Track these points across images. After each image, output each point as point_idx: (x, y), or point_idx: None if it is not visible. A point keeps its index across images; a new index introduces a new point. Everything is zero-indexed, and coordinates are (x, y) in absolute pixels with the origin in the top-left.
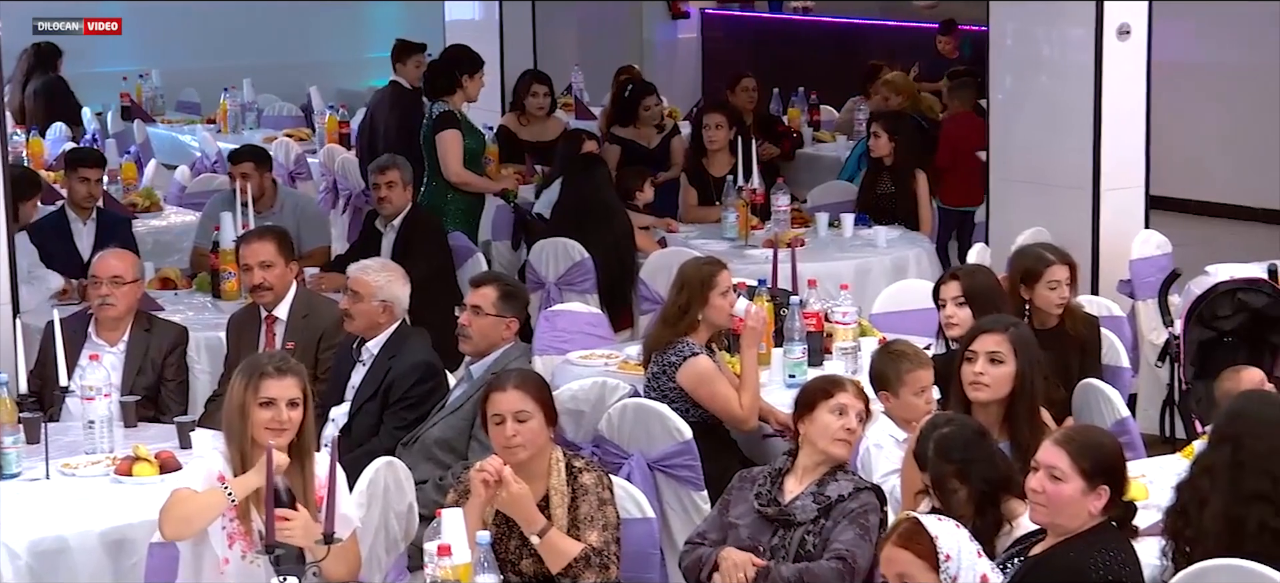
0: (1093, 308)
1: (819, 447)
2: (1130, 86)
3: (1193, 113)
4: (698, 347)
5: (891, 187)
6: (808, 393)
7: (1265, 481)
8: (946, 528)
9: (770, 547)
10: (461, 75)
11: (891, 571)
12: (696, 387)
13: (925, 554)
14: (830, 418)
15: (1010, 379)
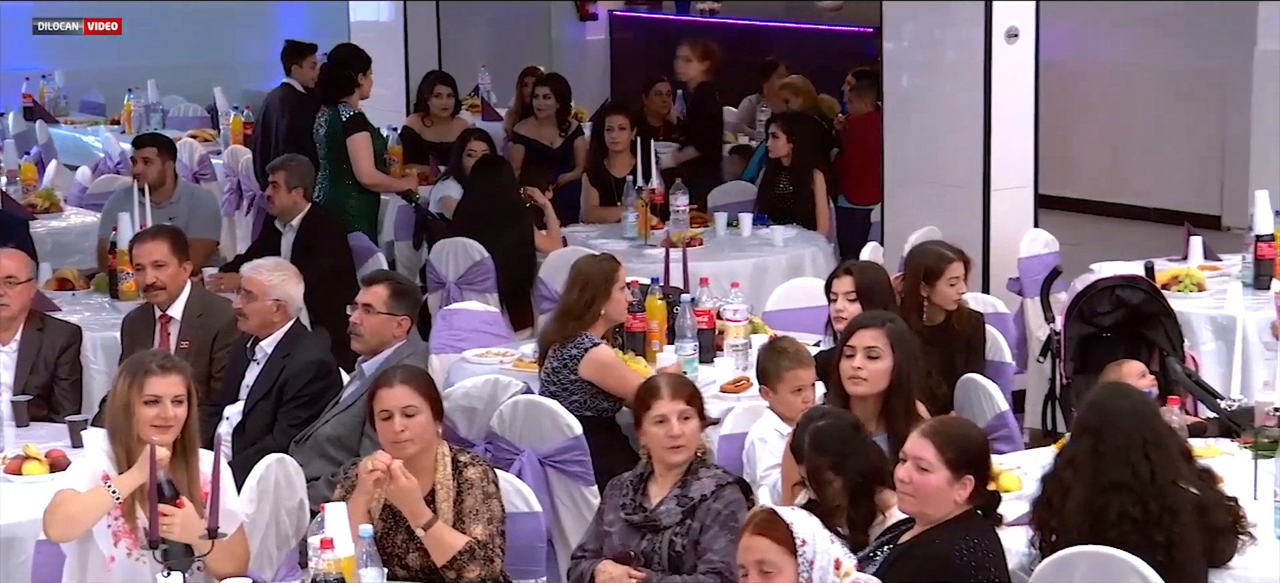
0: (978, 306)
1: (655, 456)
2: (1019, 88)
3: (1082, 113)
4: (597, 338)
5: (790, 187)
6: (636, 404)
7: (1125, 471)
8: (800, 515)
9: (642, 552)
10: (357, 74)
11: (750, 559)
12: (603, 376)
13: (783, 540)
14: (654, 430)
15: (887, 374)
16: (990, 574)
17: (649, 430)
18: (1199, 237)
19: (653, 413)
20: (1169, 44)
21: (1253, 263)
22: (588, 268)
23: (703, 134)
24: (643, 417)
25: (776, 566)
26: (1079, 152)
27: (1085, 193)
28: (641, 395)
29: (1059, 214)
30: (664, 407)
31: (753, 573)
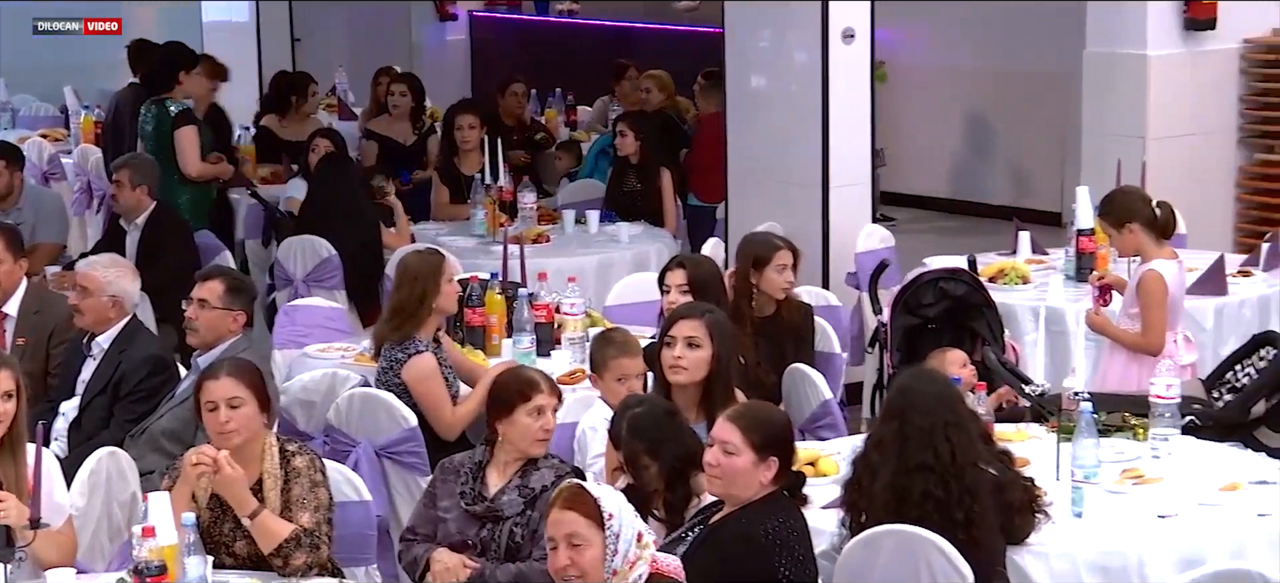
0: (809, 298)
1: (519, 447)
2: (855, 88)
3: (928, 114)
4: (425, 344)
5: (638, 184)
6: (505, 393)
7: (928, 453)
8: (607, 491)
9: (480, 540)
10: (179, 71)
11: (560, 532)
12: (416, 383)
13: (591, 514)
14: (528, 420)
15: (707, 363)
16: (794, 552)
17: (521, 421)
18: (1027, 231)
19: (531, 404)
20: (1011, 47)
21: (1074, 257)
22: (414, 264)
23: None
24: (516, 407)
25: (585, 538)
26: (925, 151)
27: (931, 191)
28: (521, 387)
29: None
30: (543, 399)
31: (562, 546)
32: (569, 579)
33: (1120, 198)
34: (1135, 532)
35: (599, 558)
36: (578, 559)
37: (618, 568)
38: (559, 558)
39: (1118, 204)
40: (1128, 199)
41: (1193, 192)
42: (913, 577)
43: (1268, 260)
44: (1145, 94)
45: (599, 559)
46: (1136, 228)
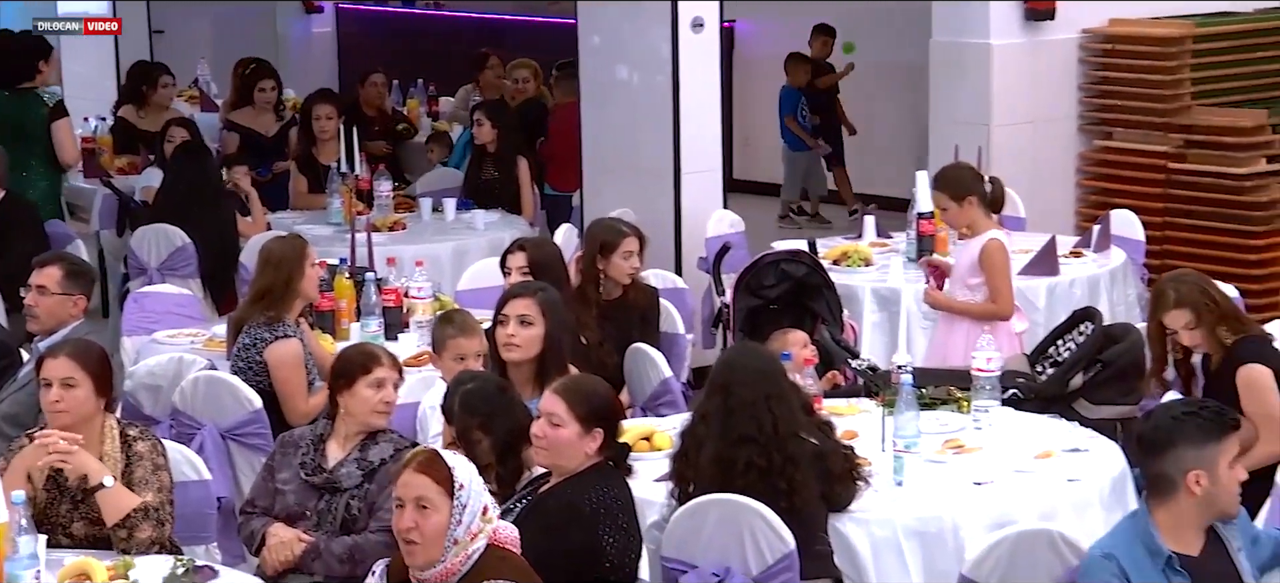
0: (657, 281)
1: (359, 418)
2: (705, 77)
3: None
4: (293, 329)
5: (495, 172)
6: (347, 366)
7: (752, 425)
8: (461, 460)
9: (317, 511)
10: (39, 61)
11: (409, 494)
12: (278, 367)
13: (443, 480)
14: (369, 393)
15: (540, 340)
16: (618, 521)
17: (362, 393)
18: (872, 216)
19: (372, 376)
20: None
21: (915, 239)
22: (279, 248)
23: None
24: (357, 379)
25: (433, 504)
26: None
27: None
28: (361, 361)
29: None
30: (384, 373)
31: (409, 508)
32: (411, 541)
33: (957, 173)
34: (952, 498)
35: (443, 525)
36: (422, 523)
37: (459, 538)
38: (405, 518)
39: (955, 179)
40: (964, 173)
41: (1034, 177)
42: (737, 544)
43: (1098, 242)
44: (989, 82)
45: (443, 527)
46: (973, 201)
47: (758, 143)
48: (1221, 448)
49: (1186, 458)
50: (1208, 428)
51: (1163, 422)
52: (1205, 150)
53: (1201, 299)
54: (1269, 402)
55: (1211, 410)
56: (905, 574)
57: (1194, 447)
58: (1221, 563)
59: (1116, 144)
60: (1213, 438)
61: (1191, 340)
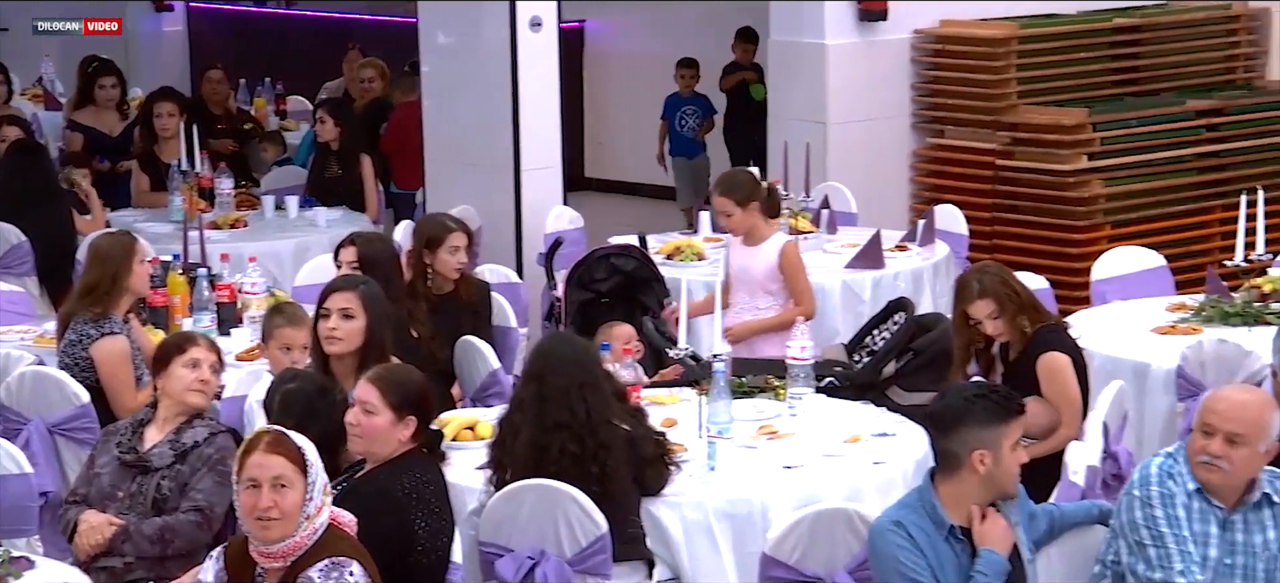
0: (490, 275)
1: (176, 398)
2: (544, 76)
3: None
4: (119, 325)
5: (339, 170)
6: (164, 349)
7: (565, 412)
8: (302, 438)
9: (129, 493)
10: None
11: (265, 474)
12: (104, 363)
13: (295, 459)
14: (185, 372)
15: (361, 333)
16: (430, 505)
17: (177, 372)
18: (707, 212)
19: (187, 356)
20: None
21: None
22: (106, 245)
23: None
24: (173, 360)
25: (290, 481)
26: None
27: (636, 177)
28: (177, 342)
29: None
30: (200, 353)
31: (266, 487)
32: (270, 519)
33: (740, 178)
34: (762, 481)
35: (299, 501)
36: (280, 501)
37: (310, 514)
38: (262, 498)
39: (740, 184)
40: (746, 179)
41: (869, 173)
42: (551, 528)
43: (923, 236)
44: (824, 82)
45: (299, 503)
46: (756, 207)
47: (610, 142)
48: (1006, 430)
49: (973, 437)
50: (995, 410)
51: (953, 402)
52: (1030, 147)
53: (1003, 290)
54: (1068, 386)
55: (1000, 394)
56: (716, 555)
57: (981, 427)
58: None
59: (948, 141)
60: (999, 420)
61: (995, 330)
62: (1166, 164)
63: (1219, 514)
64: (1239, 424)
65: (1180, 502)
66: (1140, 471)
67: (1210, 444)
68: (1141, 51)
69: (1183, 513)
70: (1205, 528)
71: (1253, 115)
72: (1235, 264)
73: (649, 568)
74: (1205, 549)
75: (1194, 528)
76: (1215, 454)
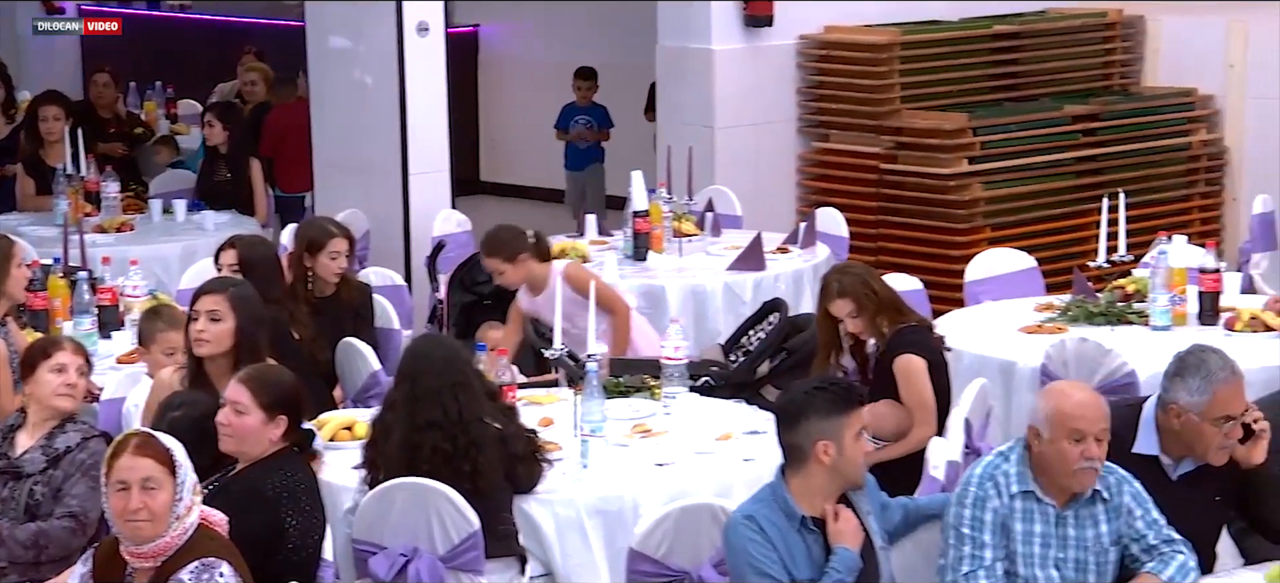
0: (375, 278)
1: (44, 403)
2: (431, 80)
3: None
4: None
5: (227, 173)
6: (30, 354)
7: (437, 411)
8: (169, 439)
9: (2, 498)
10: None
11: (134, 476)
12: None
13: (163, 460)
14: (51, 376)
15: (230, 335)
16: (301, 503)
17: (44, 377)
18: (593, 215)
19: (53, 361)
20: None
21: (632, 236)
22: None
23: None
24: (39, 365)
25: (159, 482)
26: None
27: (532, 180)
28: (42, 347)
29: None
30: (65, 358)
31: (135, 489)
32: (138, 521)
33: (503, 236)
34: (634, 478)
35: (169, 502)
36: (150, 503)
37: (180, 514)
38: (133, 500)
39: (503, 242)
40: (508, 235)
41: (756, 177)
42: (424, 526)
43: (804, 238)
44: (712, 86)
45: (169, 503)
46: (526, 256)
47: (505, 145)
48: (847, 421)
49: (815, 429)
50: (835, 402)
51: (795, 396)
52: (913, 151)
53: (862, 290)
54: (922, 388)
55: (840, 386)
56: (587, 551)
57: (822, 419)
58: None
59: (833, 145)
60: (839, 411)
61: (856, 328)
62: (1044, 168)
63: (1051, 511)
64: (1105, 421)
65: (993, 505)
66: (971, 468)
67: (1088, 448)
68: (1020, 58)
69: (991, 516)
70: (1029, 527)
71: (1128, 120)
72: (1098, 265)
73: (521, 565)
74: (1031, 547)
75: (1018, 528)
76: (1094, 457)
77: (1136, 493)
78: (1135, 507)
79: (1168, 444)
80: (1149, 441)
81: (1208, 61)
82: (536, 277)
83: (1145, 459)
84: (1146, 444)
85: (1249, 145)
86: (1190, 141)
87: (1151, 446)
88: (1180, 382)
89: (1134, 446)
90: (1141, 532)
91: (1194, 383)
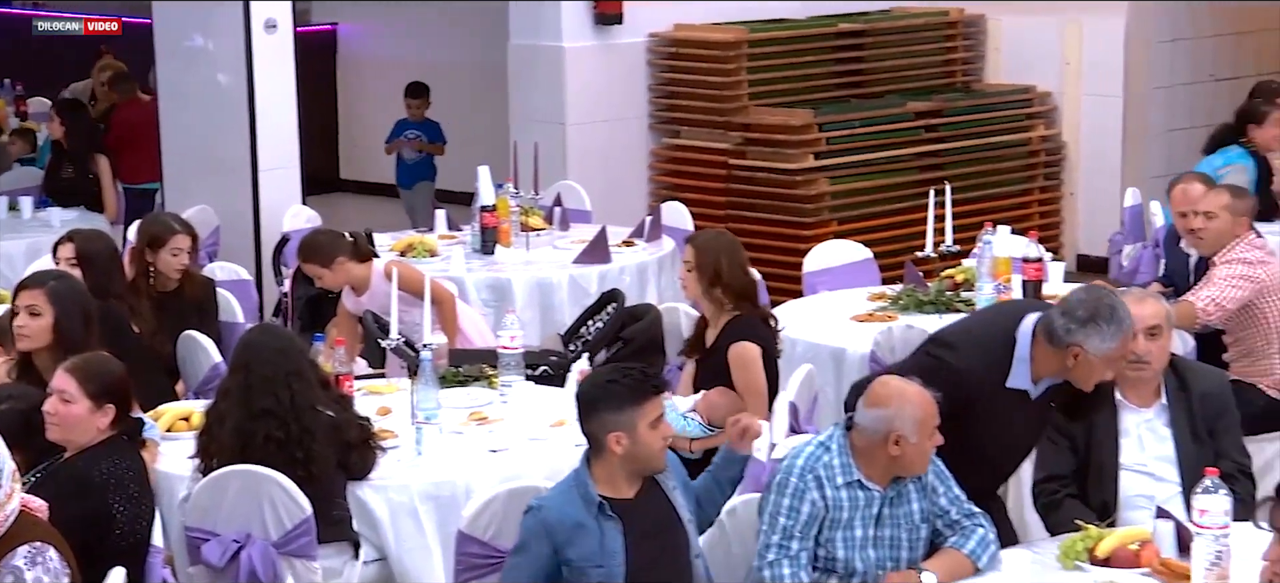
0: (221, 273)
1: None
2: (280, 77)
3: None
4: None
5: (72, 170)
6: None
7: (270, 399)
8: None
9: None
10: None
11: None
12: None
13: None
14: None
15: (49, 330)
16: (128, 490)
17: None
18: (443, 210)
19: None
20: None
21: (479, 231)
22: None
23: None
24: None
25: None
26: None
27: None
28: None
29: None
30: None
31: None
32: None
33: (319, 241)
34: (467, 464)
35: None
36: None
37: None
38: None
39: (319, 247)
40: (324, 239)
41: (608, 173)
42: (257, 512)
43: (650, 232)
44: (563, 84)
45: None
46: (343, 260)
47: (364, 144)
48: (641, 411)
49: (609, 420)
50: (627, 394)
51: (589, 387)
52: (761, 147)
53: (710, 256)
54: (754, 377)
55: (634, 377)
56: (421, 536)
57: (614, 410)
58: (658, 502)
59: (683, 141)
60: (632, 402)
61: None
62: (888, 163)
63: (877, 496)
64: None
65: (812, 498)
66: (789, 456)
67: (937, 438)
68: (865, 55)
69: (808, 510)
70: (854, 514)
71: (969, 117)
72: (925, 256)
73: (355, 550)
74: (852, 532)
75: (843, 516)
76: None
77: (940, 471)
78: (938, 485)
79: (1038, 374)
80: (1022, 376)
81: (1045, 59)
82: (357, 278)
83: (1016, 392)
84: (1020, 379)
85: (1084, 140)
86: (1029, 137)
87: (1024, 380)
88: (1093, 329)
89: (1007, 381)
90: (944, 508)
91: (1108, 330)
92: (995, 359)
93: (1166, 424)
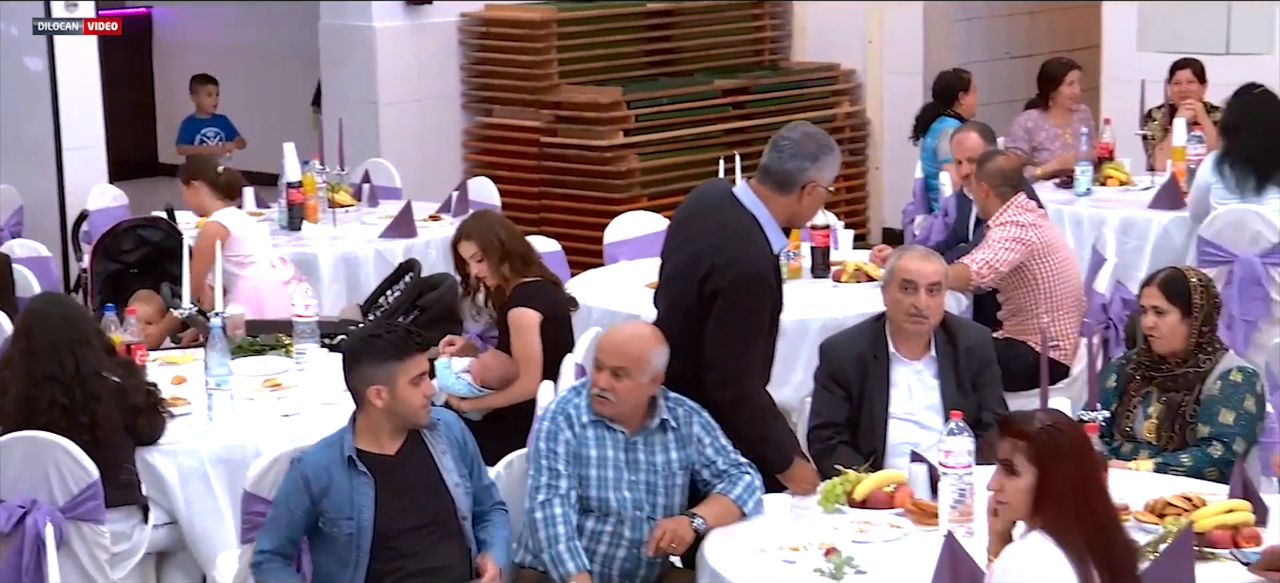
0: (19, 250)
1: None
2: (83, 56)
3: None
4: None
5: None
6: None
7: (54, 365)
8: None
9: None
10: None
11: None
12: None
13: None
14: None
15: None
16: None
17: None
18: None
19: None
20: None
21: (286, 207)
22: None
23: None
24: None
25: None
26: None
27: None
28: None
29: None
30: None
31: None
32: None
33: (196, 161)
34: (258, 428)
35: None
36: None
37: None
38: None
39: (190, 163)
40: (202, 161)
41: (422, 152)
42: (42, 478)
43: (457, 206)
44: (375, 64)
45: None
46: (199, 185)
47: None
48: (402, 367)
49: (369, 374)
50: (388, 349)
51: (353, 343)
52: (572, 124)
53: (488, 236)
54: (528, 342)
55: (398, 333)
56: (211, 498)
57: (374, 365)
58: (422, 460)
59: (496, 120)
60: (393, 358)
61: (480, 271)
62: (696, 140)
63: (621, 438)
64: (622, 358)
65: (565, 437)
66: (548, 405)
67: (599, 378)
68: (674, 34)
69: (563, 448)
70: (603, 453)
71: (776, 94)
72: None
73: (144, 513)
74: (604, 471)
75: (591, 453)
76: (604, 387)
77: (706, 423)
78: (705, 436)
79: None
80: (778, 236)
81: (849, 38)
82: (208, 207)
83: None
84: (778, 240)
85: (888, 117)
86: (835, 114)
87: (780, 239)
88: (825, 161)
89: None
90: (711, 458)
91: (831, 158)
92: (759, 241)
93: (934, 375)
